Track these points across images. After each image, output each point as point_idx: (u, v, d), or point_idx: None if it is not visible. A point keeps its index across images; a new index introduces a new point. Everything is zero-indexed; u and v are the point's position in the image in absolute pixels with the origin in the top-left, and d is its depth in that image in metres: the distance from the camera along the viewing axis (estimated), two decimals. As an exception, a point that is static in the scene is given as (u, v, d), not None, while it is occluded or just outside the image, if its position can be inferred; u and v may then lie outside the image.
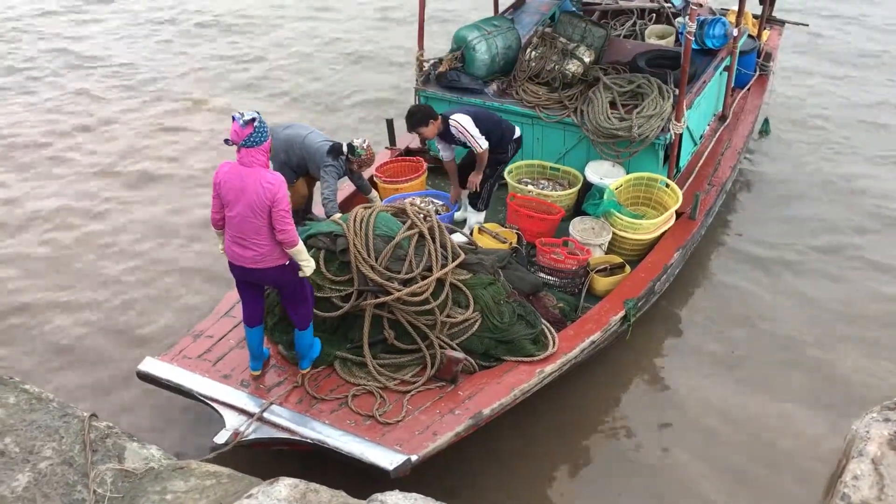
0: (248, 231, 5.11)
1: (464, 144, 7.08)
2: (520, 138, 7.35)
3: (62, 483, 4.65)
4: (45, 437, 4.86)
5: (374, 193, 7.37)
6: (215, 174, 5.15)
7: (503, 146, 7.22)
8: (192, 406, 5.92)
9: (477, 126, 6.94)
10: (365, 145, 6.81)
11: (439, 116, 6.95)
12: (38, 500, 4.54)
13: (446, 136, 7.05)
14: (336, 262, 5.92)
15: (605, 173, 7.53)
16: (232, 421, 5.28)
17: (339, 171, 6.79)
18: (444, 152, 7.34)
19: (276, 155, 6.80)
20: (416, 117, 6.91)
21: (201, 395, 5.50)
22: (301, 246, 5.24)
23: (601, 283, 6.73)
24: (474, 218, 7.39)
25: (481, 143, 6.97)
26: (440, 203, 7.67)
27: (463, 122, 6.89)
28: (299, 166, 6.98)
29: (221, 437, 5.16)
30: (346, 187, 7.57)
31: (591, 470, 5.95)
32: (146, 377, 5.68)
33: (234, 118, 5.03)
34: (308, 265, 5.33)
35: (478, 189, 7.26)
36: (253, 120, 5.01)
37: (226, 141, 5.07)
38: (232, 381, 5.61)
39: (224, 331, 6.09)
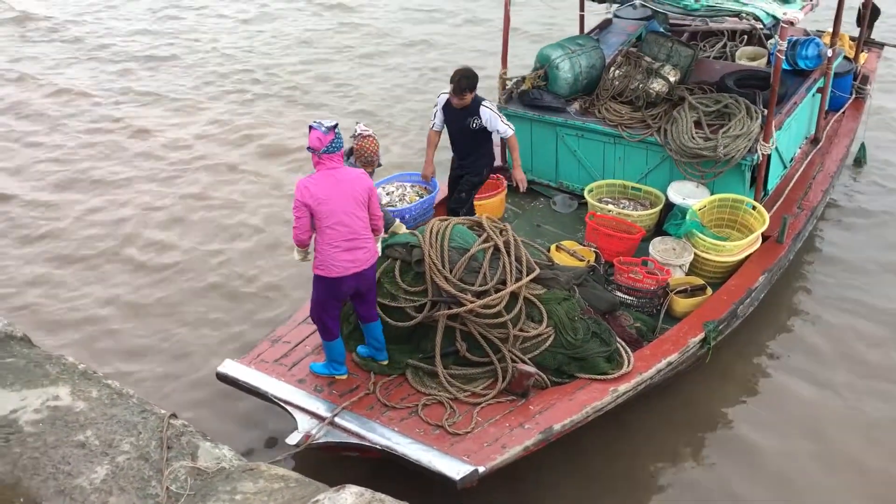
0: (358, 228, 5.30)
1: (474, 129, 6.96)
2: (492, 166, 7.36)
3: (138, 478, 4.76)
4: (123, 432, 5.01)
5: None
6: (303, 192, 5.21)
7: (481, 166, 7.20)
8: (266, 408, 6.03)
9: None
10: (357, 130, 6.19)
11: None
12: (115, 493, 4.67)
13: (465, 113, 6.95)
14: (411, 272, 5.97)
15: (688, 194, 7.37)
16: (304, 424, 5.35)
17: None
18: (438, 122, 7.21)
19: None
20: (473, 81, 6.85)
21: (276, 397, 5.59)
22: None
23: (681, 304, 6.56)
24: None
25: (511, 127, 7.01)
26: (409, 186, 7.54)
27: (495, 108, 6.99)
28: None
29: (293, 439, 5.23)
30: None
31: (661, 495, 5.79)
32: (225, 378, 5.81)
33: (312, 127, 5.21)
34: (379, 248, 5.78)
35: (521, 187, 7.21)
36: (335, 126, 5.21)
37: (308, 149, 5.24)
38: (306, 386, 5.68)
39: (301, 337, 6.19)
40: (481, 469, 4.87)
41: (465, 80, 6.79)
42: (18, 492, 4.68)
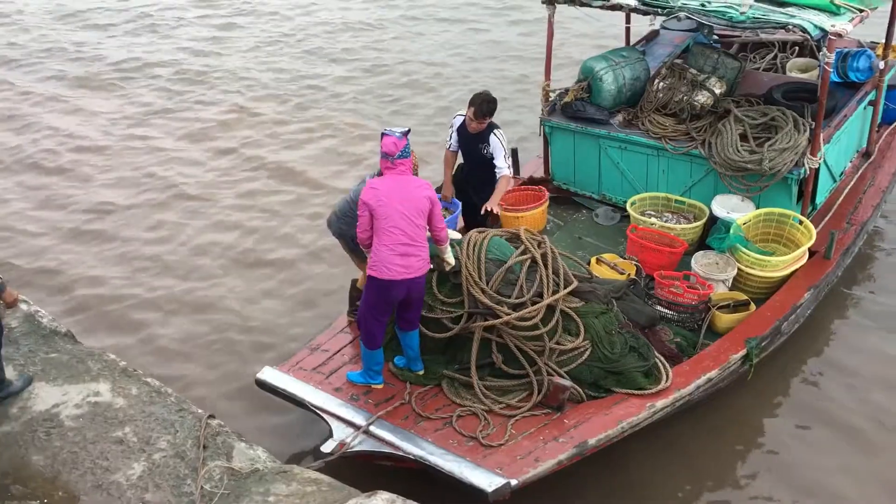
0: (414, 235, 5.37)
1: (486, 156, 6.94)
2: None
3: (173, 475, 4.86)
4: (161, 430, 5.11)
5: None
6: (367, 192, 5.38)
7: (490, 192, 7.06)
8: (303, 415, 6.08)
9: None
10: None
11: None
12: (151, 490, 4.77)
13: (478, 139, 6.94)
14: (448, 284, 5.98)
15: (732, 207, 7.24)
16: (339, 432, 5.38)
17: None
18: (453, 142, 7.21)
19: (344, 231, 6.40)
20: (493, 106, 6.83)
21: (313, 405, 5.64)
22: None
23: (723, 319, 6.45)
24: None
25: (511, 168, 7.02)
26: None
27: (505, 141, 6.94)
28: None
29: (328, 447, 5.27)
30: None
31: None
32: (264, 385, 5.89)
33: (385, 133, 5.39)
34: (452, 258, 5.84)
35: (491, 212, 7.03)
36: (407, 132, 5.39)
37: (383, 154, 5.39)
38: (342, 395, 5.72)
39: (339, 346, 6.24)
40: (514, 482, 4.86)
41: (486, 104, 6.80)
42: (58, 485, 4.80)
